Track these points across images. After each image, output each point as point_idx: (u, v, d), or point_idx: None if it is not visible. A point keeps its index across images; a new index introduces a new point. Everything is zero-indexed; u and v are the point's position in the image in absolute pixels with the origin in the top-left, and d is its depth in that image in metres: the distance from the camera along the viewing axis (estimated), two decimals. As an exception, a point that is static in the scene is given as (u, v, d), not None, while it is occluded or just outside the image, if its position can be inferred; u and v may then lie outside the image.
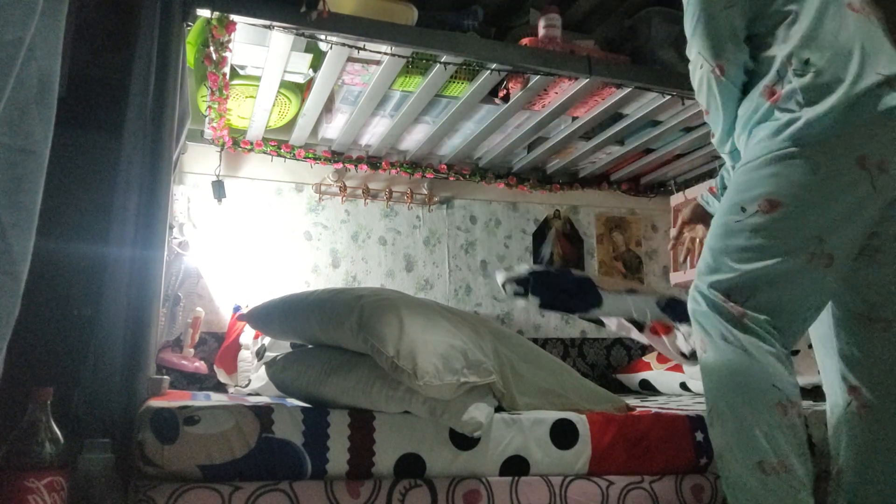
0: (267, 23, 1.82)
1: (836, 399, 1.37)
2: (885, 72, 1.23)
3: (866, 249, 1.30)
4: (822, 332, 1.37)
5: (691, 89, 2.23)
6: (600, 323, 2.17)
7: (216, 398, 1.76)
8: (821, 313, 1.32)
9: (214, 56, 1.93)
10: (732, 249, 1.25)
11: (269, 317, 1.66)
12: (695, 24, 1.35)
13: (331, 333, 1.43)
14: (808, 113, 1.22)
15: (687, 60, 1.43)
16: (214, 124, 2.37)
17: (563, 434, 1.42)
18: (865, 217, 1.24)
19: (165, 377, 1.53)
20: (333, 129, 2.62)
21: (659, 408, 1.79)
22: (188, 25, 1.75)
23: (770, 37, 1.32)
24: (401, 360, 1.25)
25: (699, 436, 1.48)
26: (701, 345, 1.28)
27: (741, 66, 1.34)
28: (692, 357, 2.02)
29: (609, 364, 3.05)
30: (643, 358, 2.84)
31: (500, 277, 2.15)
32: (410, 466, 1.31)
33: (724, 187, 1.51)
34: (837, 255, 1.23)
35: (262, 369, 2.30)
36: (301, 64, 2.13)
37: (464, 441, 1.34)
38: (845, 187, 1.21)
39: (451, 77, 2.18)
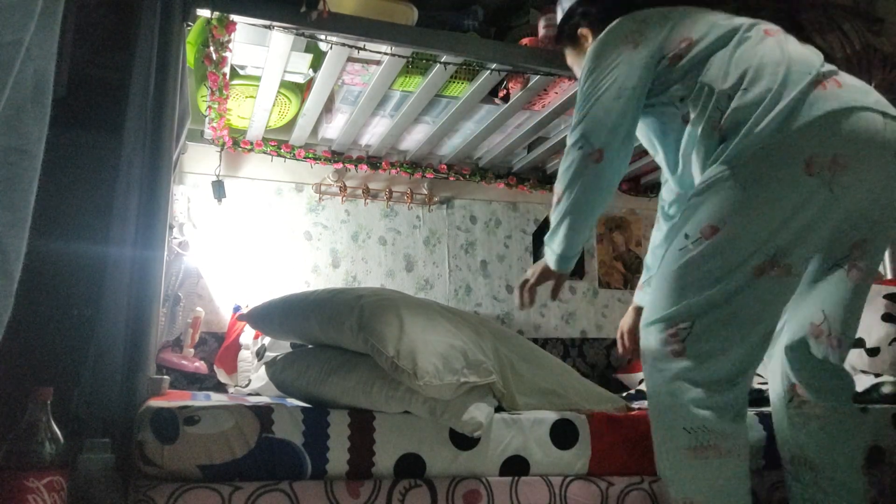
0: (267, 23, 1.82)
1: (778, 392, 1.40)
2: (816, 69, 1.24)
3: (844, 260, 1.29)
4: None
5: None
6: None
7: (216, 398, 1.76)
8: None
9: (214, 56, 1.93)
10: (678, 278, 1.25)
11: (269, 316, 1.66)
12: (585, 110, 1.37)
13: (330, 333, 1.43)
14: (743, 130, 1.22)
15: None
16: (214, 124, 2.37)
17: (563, 434, 1.41)
18: (833, 220, 1.22)
19: (165, 377, 1.53)
20: (333, 129, 2.62)
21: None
22: (188, 25, 1.75)
23: (693, 80, 1.32)
24: (401, 360, 1.25)
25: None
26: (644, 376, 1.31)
27: (623, 157, 1.38)
28: None
29: (609, 364, 3.04)
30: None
31: None
32: (410, 466, 1.31)
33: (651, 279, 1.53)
34: (801, 263, 1.23)
35: (263, 369, 2.30)
36: (301, 64, 2.13)
37: (464, 441, 1.34)
38: (790, 196, 1.19)
39: (451, 77, 2.18)
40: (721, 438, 1.20)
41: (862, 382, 1.92)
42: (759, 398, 1.65)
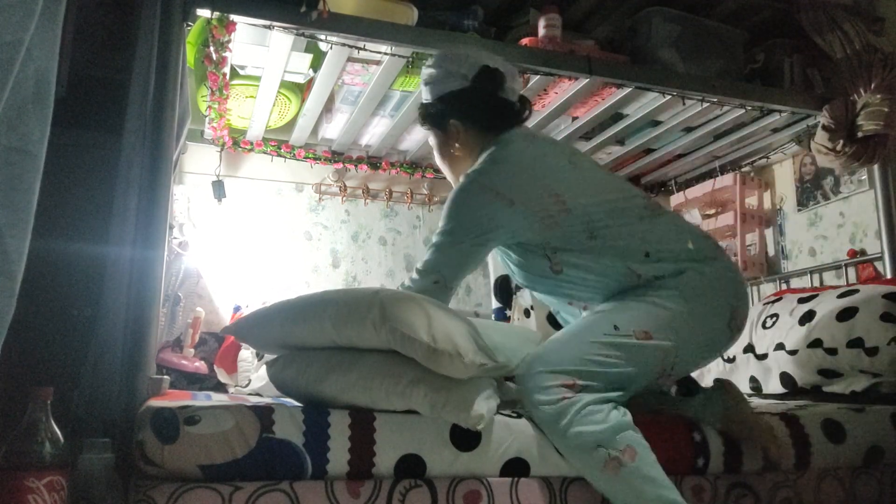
0: (267, 23, 1.82)
1: None
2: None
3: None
4: None
5: (692, 89, 2.24)
6: None
7: (217, 398, 1.76)
8: None
9: (214, 56, 1.93)
10: (590, 351, 1.38)
11: (267, 323, 1.57)
12: (446, 253, 1.50)
13: (347, 331, 1.38)
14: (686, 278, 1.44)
15: (687, 60, 1.44)
16: (214, 124, 2.37)
17: (563, 434, 1.41)
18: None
19: (165, 377, 1.53)
20: (333, 129, 2.62)
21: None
22: (188, 25, 1.75)
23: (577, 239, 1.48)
24: (439, 344, 1.25)
25: (696, 436, 1.48)
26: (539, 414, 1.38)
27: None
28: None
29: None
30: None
31: None
32: (411, 467, 1.31)
33: None
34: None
35: (263, 369, 2.30)
36: (301, 64, 2.13)
37: (464, 442, 1.34)
38: (709, 330, 1.46)
39: (452, 77, 2.18)
40: (622, 444, 1.31)
41: (860, 382, 1.92)
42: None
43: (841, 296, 2.06)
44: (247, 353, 2.42)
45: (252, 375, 2.34)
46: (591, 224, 1.47)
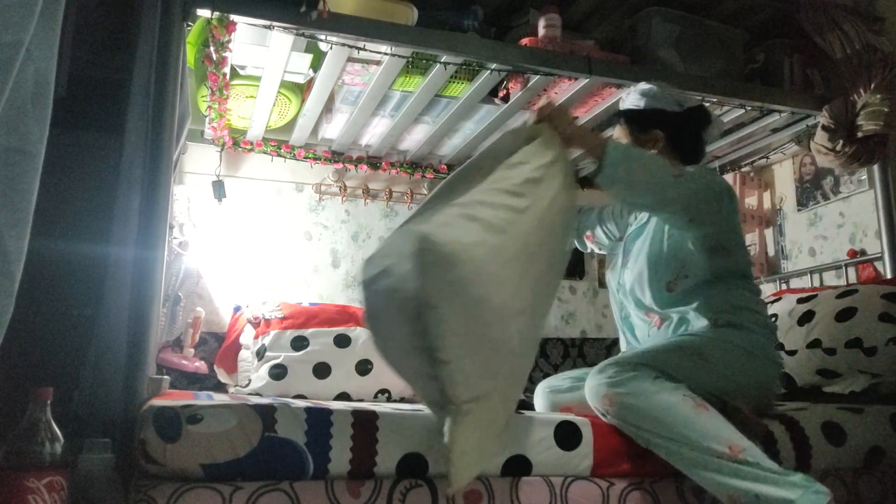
0: (267, 23, 1.82)
1: None
2: None
3: None
4: None
5: (691, 89, 2.25)
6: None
7: (218, 398, 1.76)
8: None
9: (214, 56, 1.93)
10: (673, 359, 1.53)
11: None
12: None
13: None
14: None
15: (687, 60, 1.44)
16: (214, 124, 2.37)
17: (565, 436, 1.41)
18: None
19: (165, 377, 1.53)
20: (333, 129, 2.62)
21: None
22: (188, 25, 1.75)
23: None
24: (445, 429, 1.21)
25: (699, 436, 1.48)
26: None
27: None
28: None
29: (609, 364, 3.04)
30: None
31: None
32: (412, 466, 1.31)
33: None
34: None
35: (263, 369, 2.30)
36: (301, 64, 2.13)
37: (464, 441, 1.34)
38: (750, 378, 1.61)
39: (451, 77, 2.18)
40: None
41: (859, 382, 1.92)
42: None
43: (840, 296, 2.06)
44: (247, 353, 2.41)
45: (252, 375, 2.34)
46: (727, 274, 1.64)
